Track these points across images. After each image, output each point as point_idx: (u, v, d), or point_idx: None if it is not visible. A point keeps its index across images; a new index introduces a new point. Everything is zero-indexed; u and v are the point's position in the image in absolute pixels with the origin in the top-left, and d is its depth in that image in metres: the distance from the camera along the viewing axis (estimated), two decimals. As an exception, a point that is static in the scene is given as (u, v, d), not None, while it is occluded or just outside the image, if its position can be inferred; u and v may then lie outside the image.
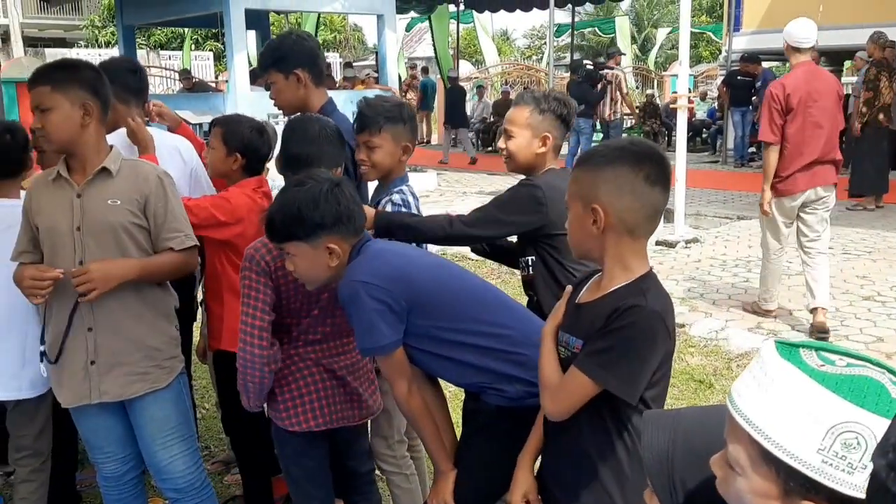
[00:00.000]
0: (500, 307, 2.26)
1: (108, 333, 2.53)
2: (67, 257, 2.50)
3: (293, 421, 2.48)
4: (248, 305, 2.35)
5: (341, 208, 2.18)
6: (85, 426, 2.71)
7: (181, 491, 2.73)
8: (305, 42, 3.14)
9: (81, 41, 29.04)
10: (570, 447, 1.92)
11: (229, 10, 9.24)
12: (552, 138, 2.69)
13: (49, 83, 2.43)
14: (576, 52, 20.74)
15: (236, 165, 3.04)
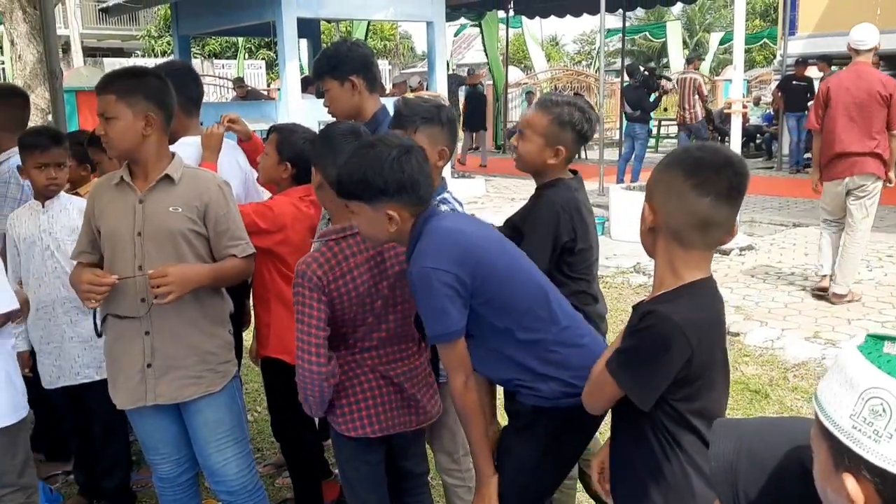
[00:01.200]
0: (546, 299, 2.20)
1: (165, 337, 2.58)
2: (127, 261, 2.54)
3: (350, 426, 2.46)
4: (303, 323, 2.30)
5: (405, 177, 2.13)
6: (141, 427, 2.75)
7: (234, 493, 2.76)
8: (359, 49, 3.15)
9: (138, 51, 29.74)
10: (615, 453, 1.96)
11: (282, 20, 9.38)
12: (565, 151, 2.63)
13: (114, 92, 2.48)
14: (626, 57, 20.53)
15: (286, 174, 3.07)
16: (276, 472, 3.85)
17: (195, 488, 2.92)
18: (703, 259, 1.82)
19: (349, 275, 2.33)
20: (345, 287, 2.32)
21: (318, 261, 2.31)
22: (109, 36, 30.87)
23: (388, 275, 2.41)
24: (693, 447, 1.79)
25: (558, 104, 2.62)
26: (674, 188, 1.77)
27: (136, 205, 2.55)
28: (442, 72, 10.90)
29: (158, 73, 2.62)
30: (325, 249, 2.35)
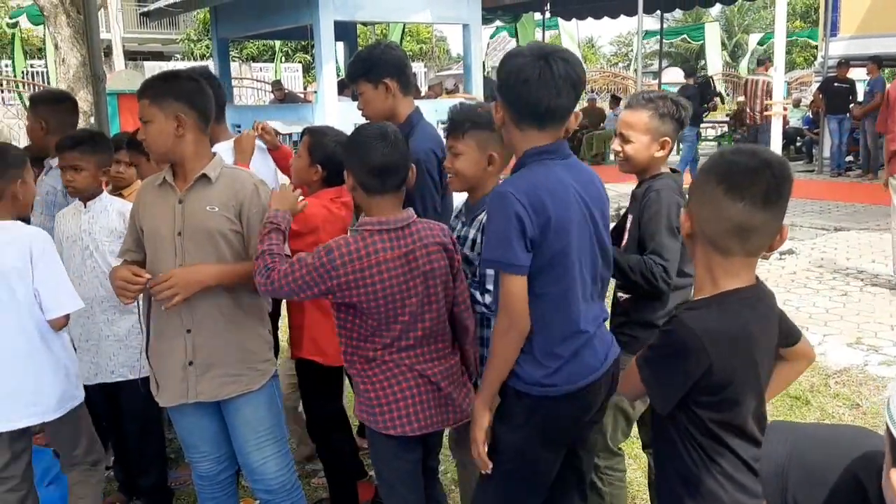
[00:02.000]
0: (575, 296, 2.19)
1: (206, 335, 2.61)
2: (168, 260, 2.59)
3: (390, 425, 2.49)
4: (295, 273, 2.37)
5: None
6: (181, 425, 2.79)
7: (273, 492, 2.78)
8: (393, 52, 3.16)
9: (178, 54, 30.15)
10: (655, 459, 2.01)
11: (319, 23, 9.44)
12: (671, 141, 2.70)
13: (148, 97, 2.55)
14: (664, 58, 20.37)
15: (317, 176, 3.09)
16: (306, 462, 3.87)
17: (233, 487, 2.95)
18: (744, 267, 1.78)
19: (376, 268, 2.37)
20: (371, 279, 2.36)
21: (350, 247, 2.37)
22: (150, 40, 31.37)
23: (419, 272, 2.43)
24: (721, 456, 1.77)
25: (651, 99, 2.69)
26: (707, 194, 1.75)
27: (176, 205, 2.59)
28: (478, 74, 10.88)
29: (191, 75, 2.66)
30: (358, 238, 2.39)
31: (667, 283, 2.61)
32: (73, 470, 3.07)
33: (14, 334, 2.74)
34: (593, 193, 2.25)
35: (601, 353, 2.26)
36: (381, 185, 2.45)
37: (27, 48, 18.49)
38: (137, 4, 29.59)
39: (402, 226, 2.44)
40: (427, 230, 2.49)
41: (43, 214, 3.67)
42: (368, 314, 2.42)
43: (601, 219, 2.26)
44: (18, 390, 2.77)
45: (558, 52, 2.13)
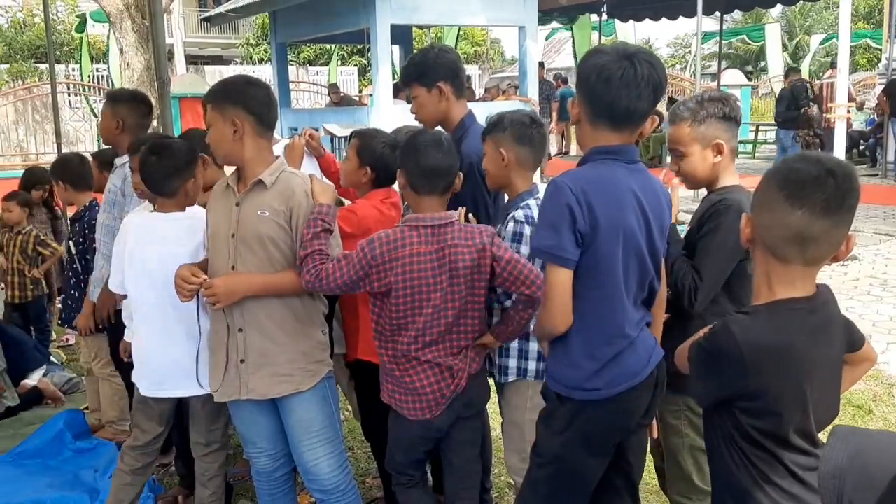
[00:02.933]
0: (628, 290, 2.18)
1: (256, 335, 2.68)
2: (223, 261, 2.67)
3: (409, 408, 2.70)
4: (341, 266, 2.56)
5: None
6: (239, 420, 2.87)
7: (327, 492, 2.83)
8: (447, 55, 3.16)
9: (237, 58, 30.72)
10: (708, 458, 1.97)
11: (375, 26, 9.54)
12: (725, 142, 2.53)
13: (209, 102, 2.64)
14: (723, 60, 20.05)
15: (366, 178, 3.12)
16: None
17: (291, 484, 3.00)
18: (803, 276, 1.74)
19: (408, 258, 2.55)
20: (401, 269, 2.55)
21: (388, 237, 2.58)
22: (210, 44, 32.01)
23: (447, 269, 2.58)
24: (763, 462, 1.75)
25: (689, 107, 2.56)
26: (768, 200, 1.73)
27: (233, 207, 2.67)
28: (534, 77, 10.88)
29: (252, 80, 2.71)
30: (397, 231, 2.60)
31: (691, 303, 2.46)
32: (206, 450, 3.18)
33: (184, 312, 2.88)
34: (653, 201, 2.23)
35: (644, 358, 2.25)
36: (430, 187, 2.64)
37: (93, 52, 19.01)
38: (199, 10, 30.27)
39: (439, 224, 2.60)
40: (463, 231, 2.62)
41: (105, 212, 3.78)
42: (397, 303, 2.59)
43: (658, 229, 2.24)
44: (184, 365, 2.96)
45: (643, 54, 2.11)
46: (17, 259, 5.52)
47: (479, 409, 2.86)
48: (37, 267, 5.58)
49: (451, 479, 2.87)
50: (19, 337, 5.24)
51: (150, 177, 3.01)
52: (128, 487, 3.22)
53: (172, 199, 3.02)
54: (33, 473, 4.01)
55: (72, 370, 5.51)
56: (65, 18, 23.51)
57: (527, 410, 2.86)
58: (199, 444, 3.19)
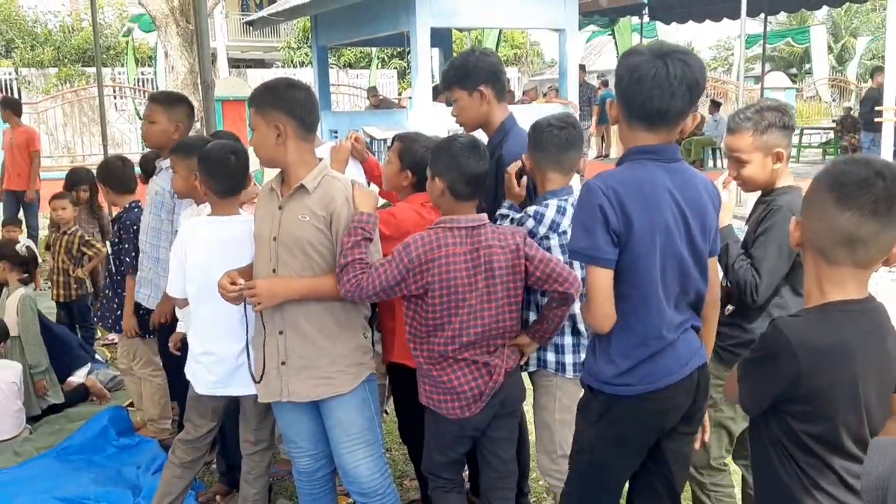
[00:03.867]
0: (667, 290, 2.17)
1: (296, 338, 2.70)
2: (265, 264, 2.71)
3: (447, 407, 2.71)
4: (378, 272, 2.58)
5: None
6: (281, 420, 2.90)
7: (366, 495, 2.84)
8: (488, 58, 3.15)
9: (278, 62, 31.06)
10: (752, 469, 1.98)
11: (415, 29, 9.56)
12: (784, 149, 2.65)
13: (253, 105, 2.67)
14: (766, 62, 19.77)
15: (407, 182, 3.13)
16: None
17: (331, 484, 3.02)
18: (854, 278, 1.74)
19: (444, 259, 2.59)
20: (437, 269, 2.58)
21: (424, 239, 2.61)
22: (252, 48, 32.41)
23: (482, 270, 2.62)
24: (814, 469, 1.74)
25: (749, 116, 2.64)
26: (817, 202, 1.73)
27: (276, 211, 2.69)
28: (574, 79, 10.82)
29: (293, 83, 2.71)
30: (432, 233, 2.64)
31: (753, 299, 2.58)
32: (255, 448, 3.21)
33: (239, 314, 2.91)
34: (694, 200, 2.21)
35: (683, 358, 2.22)
36: (471, 192, 2.68)
37: (138, 56, 19.36)
38: (241, 13, 30.68)
39: (472, 226, 2.64)
40: (496, 233, 2.67)
41: (151, 214, 3.83)
42: (433, 304, 2.61)
43: (699, 228, 2.21)
44: (238, 364, 2.99)
45: (677, 53, 2.10)
46: (63, 259, 5.63)
47: (515, 407, 2.86)
48: (81, 267, 5.69)
49: (487, 478, 2.87)
50: (65, 335, 5.35)
51: (230, 177, 3.01)
52: (177, 480, 3.27)
53: (235, 199, 3.06)
54: (78, 469, 4.09)
55: (115, 368, 5.60)
56: (112, 22, 23.98)
57: (555, 411, 2.87)
58: (248, 443, 3.22)
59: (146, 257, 3.88)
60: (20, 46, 23.13)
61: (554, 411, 2.87)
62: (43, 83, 21.08)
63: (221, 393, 3.12)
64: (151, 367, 4.32)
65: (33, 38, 23.56)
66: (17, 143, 8.94)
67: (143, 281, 3.91)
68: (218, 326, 3.02)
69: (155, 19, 10.57)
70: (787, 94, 20.14)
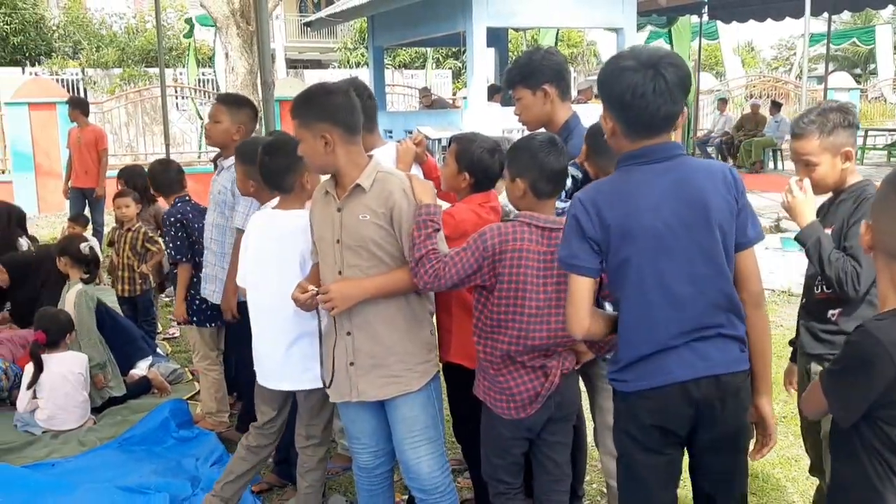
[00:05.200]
0: (666, 292, 2.15)
1: (365, 338, 2.73)
2: (330, 266, 2.74)
3: (501, 407, 2.70)
4: (455, 261, 2.59)
5: None
6: (345, 416, 2.94)
7: (426, 491, 2.85)
8: (553, 57, 3.14)
9: (335, 62, 31.37)
10: (832, 473, 1.93)
11: (472, 29, 9.57)
12: (852, 147, 2.65)
13: (295, 118, 2.69)
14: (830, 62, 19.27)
15: (465, 183, 3.12)
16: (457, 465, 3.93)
17: (389, 482, 3.04)
18: None
19: (517, 252, 2.58)
20: (509, 261, 2.58)
21: (500, 230, 2.61)
22: (309, 48, 32.80)
23: (553, 273, 2.58)
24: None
25: (813, 120, 2.65)
26: (885, 205, 1.72)
27: (335, 213, 2.72)
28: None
29: (331, 90, 2.72)
30: (509, 225, 2.63)
31: (855, 289, 2.53)
32: (306, 443, 3.26)
33: (305, 312, 2.96)
34: (692, 197, 2.15)
35: (688, 363, 2.16)
36: (552, 190, 2.67)
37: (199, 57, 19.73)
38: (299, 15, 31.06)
39: (550, 227, 2.61)
40: None
41: (215, 212, 3.91)
42: (499, 297, 2.61)
43: (703, 224, 2.14)
44: (304, 357, 3.04)
45: (666, 59, 2.13)
46: (127, 254, 5.77)
47: (570, 411, 2.84)
48: (145, 263, 5.82)
49: (541, 481, 2.86)
50: (129, 327, 5.50)
51: (267, 174, 3.12)
52: (240, 461, 3.35)
53: (290, 194, 3.11)
54: (139, 459, 4.19)
55: (175, 361, 5.73)
56: (174, 24, 24.50)
57: None
58: (301, 436, 3.27)
59: (210, 253, 3.97)
60: (86, 48, 23.78)
61: None
62: (108, 83, 21.66)
63: (272, 386, 3.18)
64: (208, 360, 4.41)
65: (99, 39, 24.20)
66: (85, 141, 9.20)
67: (208, 277, 4.00)
68: (271, 320, 3.08)
69: (216, 20, 10.78)
70: (852, 95, 19.57)
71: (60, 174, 9.99)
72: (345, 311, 2.70)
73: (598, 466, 3.59)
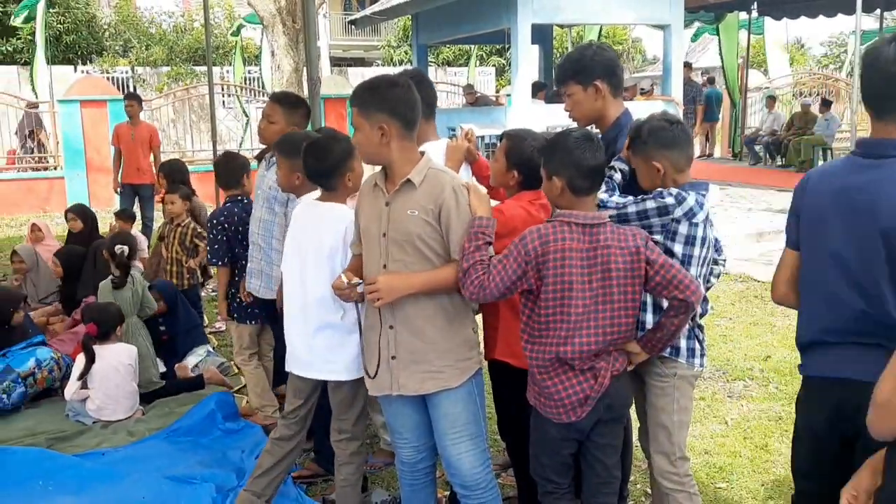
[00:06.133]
0: None
1: (406, 332, 2.73)
2: (375, 259, 2.74)
3: (551, 412, 2.69)
4: (497, 269, 2.58)
5: None
6: (388, 411, 2.94)
7: (468, 487, 2.85)
8: (605, 52, 3.11)
9: (378, 60, 31.52)
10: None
11: (517, 26, 9.53)
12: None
13: (356, 105, 2.69)
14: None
15: (514, 181, 3.11)
16: (500, 470, 3.91)
17: (432, 476, 3.04)
18: None
19: (560, 253, 2.56)
20: (553, 262, 2.56)
21: (539, 232, 2.60)
22: (353, 46, 33.01)
23: (598, 270, 2.58)
24: None
25: None
26: None
27: (383, 207, 2.72)
28: (678, 76, 10.57)
29: (396, 82, 2.72)
30: (549, 226, 2.61)
31: None
32: (338, 437, 3.28)
33: (329, 303, 3.02)
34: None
35: (850, 359, 2.23)
36: (590, 186, 2.63)
37: (245, 55, 19.96)
38: (344, 13, 31.27)
39: (592, 223, 2.60)
40: (617, 233, 2.61)
41: (263, 207, 3.95)
42: (546, 300, 2.59)
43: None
44: (328, 348, 3.09)
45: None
46: (176, 249, 5.87)
47: (621, 413, 2.81)
48: (193, 258, 5.92)
49: (589, 483, 2.83)
50: (193, 314, 5.69)
51: (313, 174, 3.15)
52: (267, 454, 3.38)
53: (334, 192, 3.14)
54: (186, 450, 4.26)
55: (222, 355, 5.81)
56: (221, 23, 24.82)
57: (674, 412, 2.80)
58: (334, 430, 3.31)
59: (256, 248, 4.00)
60: (136, 46, 24.21)
61: (672, 413, 2.81)
62: (156, 81, 22.04)
63: (299, 373, 3.22)
64: (243, 357, 4.47)
65: (148, 38, 24.62)
66: (138, 138, 9.39)
67: (253, 272, 4.04)
68: (301, 308, 3.12)
69: (263, 19, 10.88)
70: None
71: (110, 170, 10.18)
72: (387, 305, 2.70)
73: (643, 467, 3.56)
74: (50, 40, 17.60)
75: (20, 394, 4.70)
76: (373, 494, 3.68)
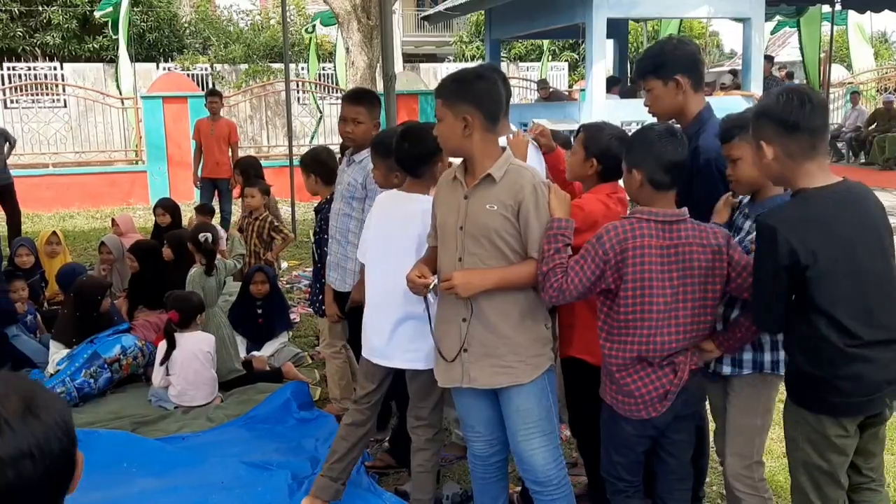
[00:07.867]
0: None
1: (479, 326, 2.74)
2: (450, 252, 2.76)
3: (628, 410, 2.67)
4: (575, 271, 2.56)
5: None
6: (460, 404, 2.96)
7: (539, 483, 2.85)
8: (686, 47, 3.07)
9: (450, 56, 31.56)
10: None
11: (592, 21, 9.42)
12: None
13: (441, 97, 2.71)
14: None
15: (592, 171, 3.09)
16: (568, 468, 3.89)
17: (504, 471, 3.04)
18: None
19: (638, 250, 2.53)
20: (632, 260, 2.52)
21: (616, 230, 2.56)
22: (425, 42, 33.15)
23: (678, 268, 2.55)
24: None
25: None
26: None
27: (462, 200, 2.73)
28: (758, 71, 10.29)
29: (483, 75, 2.72)
30: (626, 223, 2.58)
31: None
32: (415, 423, 3.32)
33: (406, 291, 3.03)
34: None
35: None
36: (671, 182, 2.59)
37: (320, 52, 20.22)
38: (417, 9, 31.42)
39: (672, 220, 2.57)
40: (697, 230, 2.57)
41: (342, 202, 4.01)
42: (625, 298, 2.56)
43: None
44: (409, 338, 3.14)
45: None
46: (254, 242, 6.02)
47: (696, 408, 2.78)
48: (270, 250, 6.05)
49: (663, 481, 2.80)
50: (284, 299, 5.99)
51: (405, 159, 3.17)
52: (341, 440, 3.44)
53: (421, 180, 3.18)
54: (262, 437, 4.37)
55: (296, 345, 5.93)
56: (296, 20, 25.23)
57: (756, 416, 2.75)
58: (411, 418, 3.35)
59: (335, 242, 4.07)
60: (215, 44, 24.81)
61: (755, 416, 2.77)
62: (234, 78, 22.54)
63: (377, 361, 3.25)
64: (333, 349, 4.53)
65: (227, 36, 25.20)
66: (218, 133, 9.65)
67: (332, 265, 4.10)
68: (381, 296, 3.17)
69: (338, 16, 11.03)
70: None
71: (190, 164, 10.48)
72: (463, 299, 2.72)
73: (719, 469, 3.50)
74: (133, 38, 18.17)
75: (106, 379, 4.89)
76: (444, 487, 3.71)
